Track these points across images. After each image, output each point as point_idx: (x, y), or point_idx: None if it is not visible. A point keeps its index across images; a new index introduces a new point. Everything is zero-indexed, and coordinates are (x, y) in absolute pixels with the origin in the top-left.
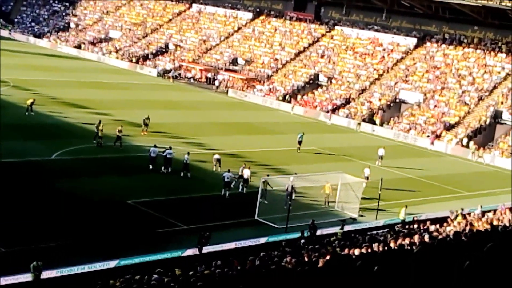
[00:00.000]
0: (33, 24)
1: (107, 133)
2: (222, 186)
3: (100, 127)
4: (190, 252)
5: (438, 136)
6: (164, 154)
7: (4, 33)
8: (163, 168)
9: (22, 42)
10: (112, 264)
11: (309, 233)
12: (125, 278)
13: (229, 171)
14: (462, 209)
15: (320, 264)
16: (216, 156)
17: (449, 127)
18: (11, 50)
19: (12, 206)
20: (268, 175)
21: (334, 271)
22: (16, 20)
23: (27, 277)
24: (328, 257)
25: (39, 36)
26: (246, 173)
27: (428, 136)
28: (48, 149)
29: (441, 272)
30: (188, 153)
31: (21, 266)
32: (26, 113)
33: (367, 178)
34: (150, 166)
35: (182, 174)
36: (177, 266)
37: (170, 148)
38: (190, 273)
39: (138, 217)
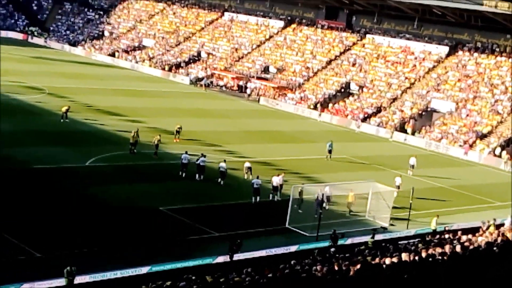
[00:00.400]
0: (68, 32)
1: (142, 141)
2: (251, 193)
3: (132, 134)
4: (221, 259)
5: (471, 146)
6: (198, 162)
7: (40, 41)
8: (197, 176)
9: (57, 50)
10: (144, 270)
11: (330, 243)
12: (156, 284)
13: (258, 177)
14: (495, 219)
15: (351, 273)
16: (247, 164)
17: (481, 137)
18: (46, 58)
19: (46, 213)
20: (303, 184)
21: (365, 280)
22: (51, 28)
23: (61, 282)
24: (358, 266)
25: (74, 44)
26: (276, 180)
27: (460, 146)
28: (82, 156)
29: (472, 282)
30: (225, 161)
31: (55, 271)
32: (61, 120)
33: (398, 187)
34: (181, 173)
35: (219, 180)
36: (208, 273)
37: (204, 155)
38: (221, 280)
39: (170, 223)
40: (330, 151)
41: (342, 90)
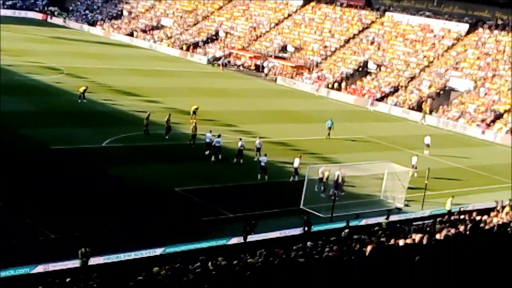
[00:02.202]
0: (87, 12)
1: (158, 121)
2: (258, 170)
3: (147, 116)
4: (235, 240)
5: (488, 125)
6: (213, 143)
7: (59, 21)
8: (213, 157)
9: (76, 30)
10: (158, 251)
11: (303, 229)
12: (171, 266)
13: (265, 155)
14: (510, 200)
15: (365, 254)
16: (258, 144)
17: (499, 116)
18: (65, 38)
19: (62, 193)
20: (318, 165)
21: (378, 261)
22: (70, 8)
23: (75, 263)
24: (371, 247)
25: (92, 24)
26: (296, 162)
27: (478, 125)
28: (99, 136)
29: (485, 263)
30: (240, 139)
31: (70, 252)
32: (79, 101)
33: (415, 166)
34: (206, 152)
35: (235, 160)
36: (222, 254)
37: (219, 136)
38: (235, 262)
39: (185, 204)
40: (330, 129)
41: (360, 69)
